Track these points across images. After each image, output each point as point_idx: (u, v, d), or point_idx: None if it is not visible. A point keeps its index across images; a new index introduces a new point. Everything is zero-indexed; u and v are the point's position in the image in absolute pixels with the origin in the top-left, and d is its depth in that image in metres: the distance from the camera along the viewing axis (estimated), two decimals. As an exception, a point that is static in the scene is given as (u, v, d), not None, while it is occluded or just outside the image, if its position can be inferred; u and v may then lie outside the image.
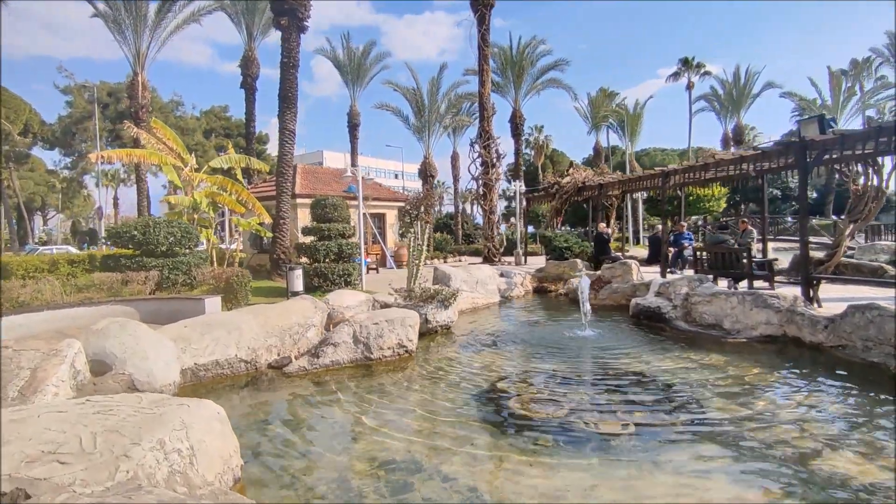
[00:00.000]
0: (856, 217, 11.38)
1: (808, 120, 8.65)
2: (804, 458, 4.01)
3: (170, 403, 3.26)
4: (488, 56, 20.31)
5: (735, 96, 47.06)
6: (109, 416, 3.02)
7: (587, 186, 16.85)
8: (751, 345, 7.45)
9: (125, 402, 3.29)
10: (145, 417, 3.02)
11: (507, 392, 5.77)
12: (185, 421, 3.03)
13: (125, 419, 2.99)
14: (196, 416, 3.13)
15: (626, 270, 11.55)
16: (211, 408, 3.34)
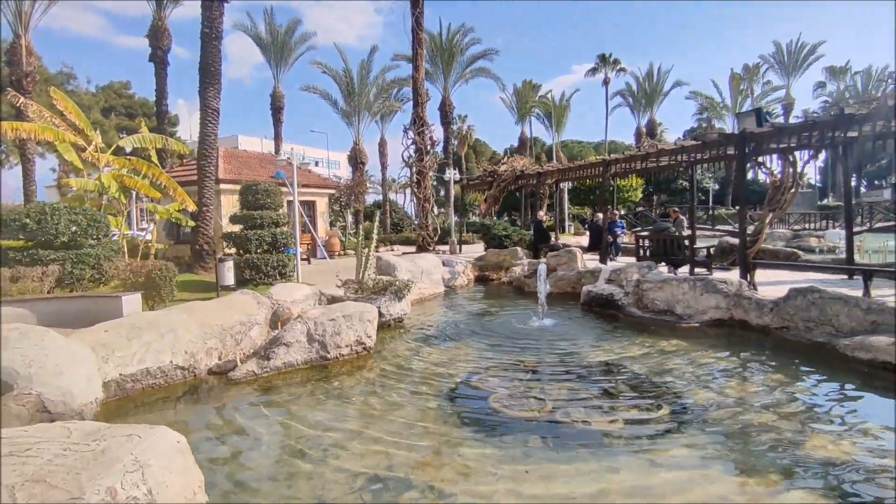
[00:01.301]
0: (774, 206, 12.17)
1: (745, 113, 9.04)
2: (788, 442, 4.01)
3: (113, 435, 2.54)
4: (422, 40, 19.73)
5: (648, 93, 49.90)
6: (28, 459, 2.28)
7: (525, 175, 16.91)
8: (703, 329, 7.65)
9: (48, 435, 2.54)
10: (82, 457, 2.32)
11: (482, 389, 5.42)
12: (139, 458, 2.35)
13: (53, 462, 2.26)
14: (152, 450, 2.45)
15: (571, 258, 11.61)
16: (168, 437, 2.66)
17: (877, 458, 3.72)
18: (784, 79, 52.70)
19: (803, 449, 3.90)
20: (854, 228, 23.05)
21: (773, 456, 3.80)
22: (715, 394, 5.12)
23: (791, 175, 11.73)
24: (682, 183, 46.61)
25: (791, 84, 52.42)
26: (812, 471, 3.57)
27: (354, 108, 26.37)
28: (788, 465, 3.67)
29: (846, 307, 6.32)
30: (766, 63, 53.05)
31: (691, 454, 3.86)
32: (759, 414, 4.60)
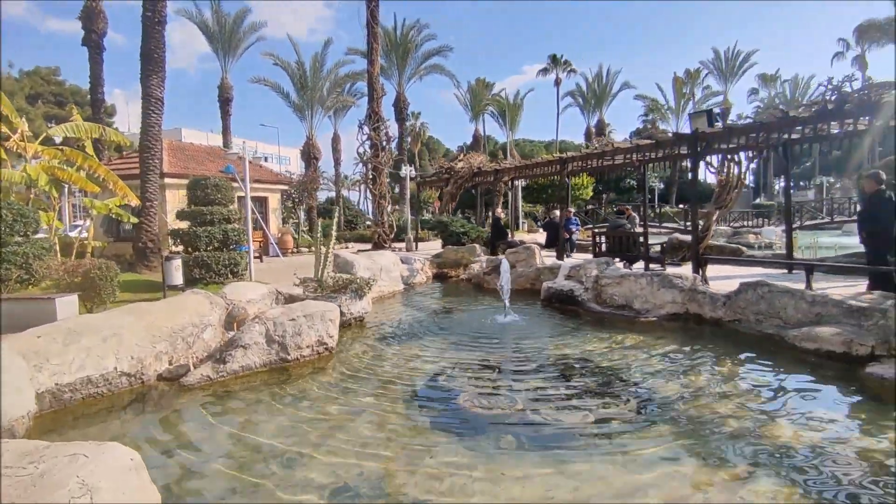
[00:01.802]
0: (720, 204, 12.70)
1: (697, 113, 9.35)
2: (751, 431, 4.13)
3: (54, 455, 2.25)
4: (377, 34, 19.39)
5: (598, 94, 51.34)
6: (-46, 485, 1.98)
7: (483, 172, 16.94)
8: (661, 323, 7.85)
9: (-24, 458, 2.23)
10: (18, 482, 2.04)
11: (450, 388, 5.32)
12: (87, 481, 2.09)
13: (-16, 488, 1.98)
14: (102, 471, 2.19)
15: (529, 255, 11.70)
16: (120, 454, 2.39)
17: (830, 442, 3.88)
18: (722, 84, 55.46)
19: (764, 437, 4.02)
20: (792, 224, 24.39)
21: (739, 446, 3.89)
22: (677, 386, 5.23)
23: (736, 175, 12.27)
24: (629, 182, 48.35)
25: (728, 89, 55.26)
26: (774, 458, 3.68)
27: (307, 101, 25.59)
28: (752, 454, 3.77)
29: (793, 300, 6.64)
30: (705, 69, 55.72)
31: (662, 448, 3.90)
32: (720, 405, 4.72)
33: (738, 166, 11.92)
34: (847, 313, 6.03)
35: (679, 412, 4.57)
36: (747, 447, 3.86)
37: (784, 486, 3.31)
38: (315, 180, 22.45)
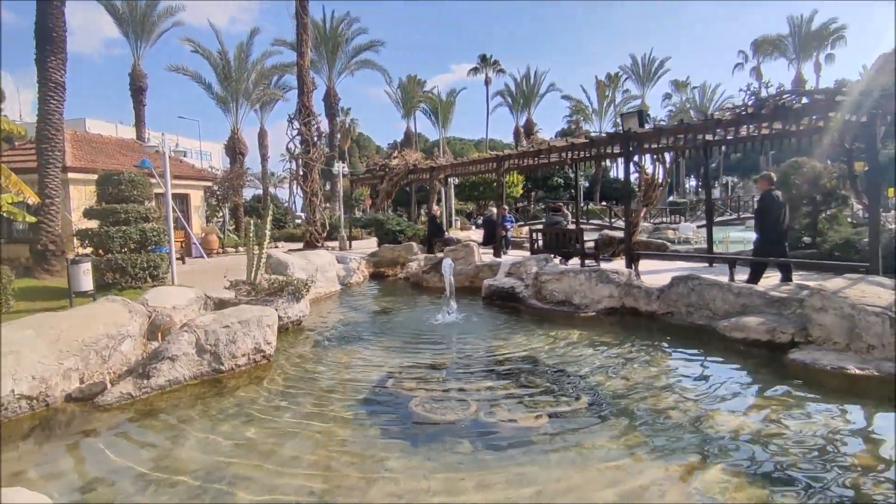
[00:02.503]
0: (647, 202, 13.35)
1: (629, 114, 9.72)
2: (696, 421, 4.28)
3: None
4: (307, 25, 18.66)
5: (526, 94, 52.68)
6: None
7: (418, 169, 16.77)
8: (599, 317, 8.05)
9: None
10: None
11: (399, 393, 5.12)
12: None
13: None
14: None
15: (468, 253, 11.69)
16: (25, 500, 2.01)
17: (767, 425, 4.08)
18: (640, 88, 58.75)
19: (709, 426, 4.17)
20: (702, 222, 26.15)
21: (686, 437, 4.00)
22: (622, 380, 5.34)
23: (661, 173, 12.93)
24: (557, 179, 50.04)
25: (645, 93, 58.63)
26: (720, 447, 3.81)
27: (232, 94, 24.10)
28: (699, 444, 3.88)
29: (721, 292, 7.02)
30: (625, 73, 58.80)
31: (616, 443, 3.93)
32: (663, 396, 4.87)
33: (663, 165, 12.58)
34: (769, 303, 6.46)
35: (627, 406, 4.65)
36: (694, 437, 3.98)
37: (732, 473, 3.42)
38: (241, 177, 21.29)
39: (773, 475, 3.38)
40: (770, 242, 8.08)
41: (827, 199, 11.35)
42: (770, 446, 3.78)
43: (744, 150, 9.82)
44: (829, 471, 3.41)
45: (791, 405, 4.53)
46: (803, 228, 11.75)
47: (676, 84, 62.87)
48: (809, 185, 11.43)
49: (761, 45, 53.60)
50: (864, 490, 3.19)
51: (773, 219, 8.00)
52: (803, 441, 3.84)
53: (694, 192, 58.58)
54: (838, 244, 9.63)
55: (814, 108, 7.29)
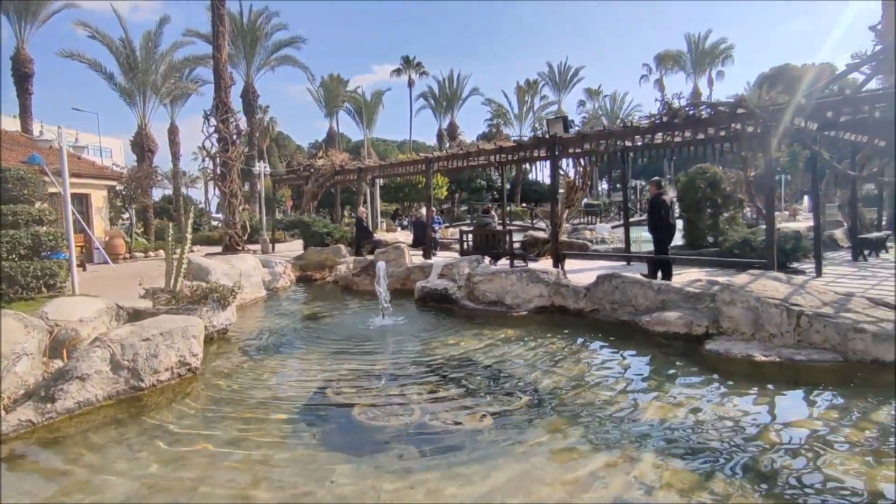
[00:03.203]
0: (569, 204, 13.97)
1: (554, 119, 10.12)
2: (627, 412, 4.53)
3: None
4: (224, 16, 17.69)
5: (449, 97, 53.34)
6: None
7: (345, 170, 16.41)
8: (531, 316, 8.29)
9: None
10: None
11: (340, 401, 4.97)
12: None
13: None
14: None
15: (399, 255, 11.62)
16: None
17: (690, 412, 4.40)
18: (557, 95, 61.41)
19: (639, 416, 4.42)
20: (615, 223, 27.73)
21: (622, 427, 4.22)
22: (557, 376, 5.53)
23: (581, 177, 13.57)
24: (480, 182, 51.12)
25: (562, 100, 61.37)
26: (651, 434, 4.06)
27: (138, 86, 22.13)
28: (634, 432, 4.11)
29: (642, 289, 7.48)
30: (543, 80, 61.22)
31: (557, 438, 4.06)
32: (597, 390, 5.10)
33: (584, 169, 13.21)
34: (685, 299, 6.97)
35: (564, 402, 4.82)
36: (627, 428, 4.20)
37: (664, 459, 3.64)
38: (150, 176, 19.72)
39: (698, 458, 3.64)
40: (659, 241, 9.14)
41: (726, 202, 12.46)
42: (695, 432, 4.07)
43: (653, 156, 10.56)
44: (745, 451, 3.74)
45: (709, 392, 4.92)
46: (707, 229, 12.83)
47: (590, 92, 66.30)
48: (712, 189, 12.50)
49: (663, 59, 58.06)
50: (774, 466, 3.52)
51: (659, 220, 9.08)
52: (722, 425, 4.18)
53: (607, 195, 62.16)
54: (737, 243, 10.59)
55: (719, 119, 7.98)
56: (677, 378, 5.36)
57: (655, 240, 9.32)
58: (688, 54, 55.18)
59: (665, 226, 9.15)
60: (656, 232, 9.22)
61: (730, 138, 8.67)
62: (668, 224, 9.18)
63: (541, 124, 62.00)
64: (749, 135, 8.19)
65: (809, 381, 4.97)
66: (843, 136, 9.48)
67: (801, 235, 10.25)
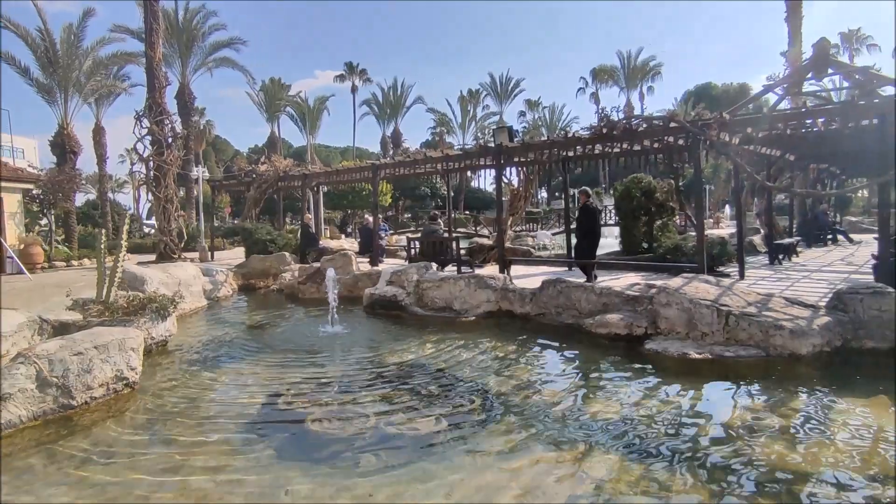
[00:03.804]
0: (513, 212, 14.34)
1: (500, 129, 10.39)
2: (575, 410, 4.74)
3: None
4: (158, 13, 16.91)
5: (393, 104, 53.31)
6: None
7: (290, 176, 16.03)
8: (479, 321, 8.43)
9: None
10: None
11: (292, 411, 4.88)
12: None
13: None
14: None
15: (346, 262, 11.50)
16: None
17: (634, 408, 4.66)
18: (498, 105, 62.81)
19: (586, 413, 4.63)
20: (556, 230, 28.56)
21: (571, 425, 4.40)
22: (508, 379, 5.68)
23: (525, 185, 13.98)
24: (424, 189, 51.30)
25: (503, 110, 62.84)
26: (598, 430, 4.26)
27: (59, 82, 20.49)
28: (582, 429, 4.30)
29: (585, 293, 7.80)
30: (485, 90, 62.47)
31: (511, 438, 4.17)
32: (546, 390, 5.30)
33: (527, 178, 13.62)
34: (625, 301, 7.33)
35: (516, 403, 4.96)
36: (575, 425, 4.39)
37: (611, 454, 3.84)
38: (73, 179, 18.41)
39: (642, 450, 3.87)
40: (587, 247, 9.62)
41: (660, 211, 13.20)
42: (638, 426, 4.32)
43: (590, 165, 11.09)
44: (683, 441, 4.01)
45: (650, 388, 5.22)
46: (642, 235, 13.53)
47: (529, 103, 68.26)
48: (646, 197, 13.21)
49: (598, 73, 60.80)
50: (709, 453, 3.80)
51: (589, 226, 9.64)
52: (662, 418, 4.45)
53: (546, 203, 64.12)
54: (670, 248, 11.25)
55: (653, 132, 8.50)
56: (620, 376, 5.64)
57: (585, 245, 9.74)
58: (621, 70, 58.11)
59: (594, 232, 9.67)
60: (587, 238, 9.68)
61: (662, 150, 9.26)
62: (595, 231, 9.71)
63: (483, 133, 63.24)
64: (679, 147, 8.77)
65: (737, 375, 5.38)
66: (760, 150, 10.33)
67: (726, 241, 11.05)
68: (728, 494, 3.26)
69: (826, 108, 8.28)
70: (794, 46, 17.53)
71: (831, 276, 9.25)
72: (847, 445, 3.83)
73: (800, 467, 3.56)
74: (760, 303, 6.36)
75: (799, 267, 10.82)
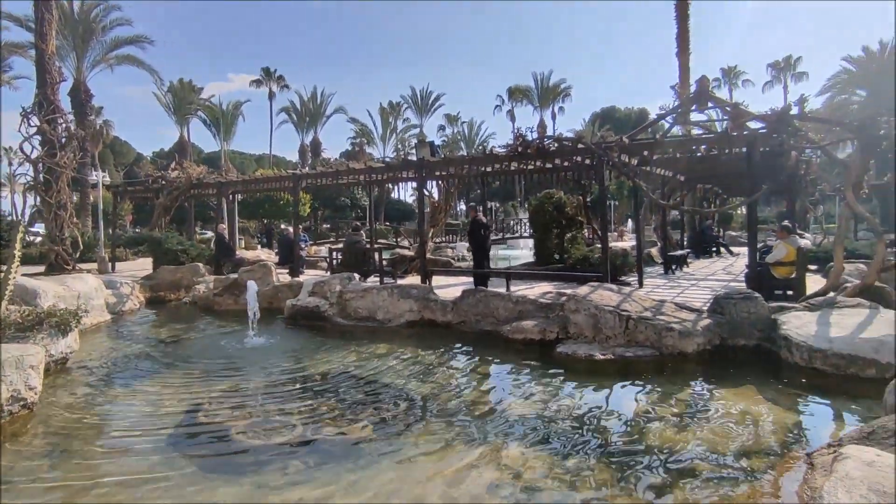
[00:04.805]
0: (434, 223, 14.74)
1: (423, 144, 10.73)
2: (494, 410, 5.08)
3: None
4: (51, 2, 15.55)
5: (312, 113, 52.27)
6: None
7: (204, 184, 15.32)
8: (402, 330, 8.62)
9: None
10: None
11: (215, 423, 4.79)
12: None
13: None
14: None
15: (266, 273, 11.23)
16: None
17: (546, 405, 5.08)
18: (419, 118, 63.64)
19: (505, 412, 4.99)
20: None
21: (491, 423, 4.73)
22: (431, 384, 5.93)
23: (445, 198, 14.43)
24: (344, 200, 50.67)
25: (423, 123, 63.73)
26: (516, 426, 4.63)
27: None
28: (501, 427, 4.64)
29: (502, 301, 8.26)
30: (405, 103, 63.08)
31: (435, 439, 4.42)
32: (467, 393, 5.62)
33: (447, 191, 14.08)
34: (538, 309, 7.87)
35: (439, 406, 5.23)
36: (495, 423, 4.73)
37: (528, 447, 4.19)
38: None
39: (556, 442, 4.27)
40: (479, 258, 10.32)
41: (570, 224, 14.16)
42: (551, 421, 4.73)
43: (509, 180, 11.76)
44: (592, 433, 4.48)
45: (561, 387, 5.70)
46: (554, 247, 14.42)
47: (449, 118, 69.73)
48: (558, 212, 14.13)
49: (514, 92, 63.58)
50: (613, 441, 4.28)
51: (480, 239, 10.36)
52: (572, 413, 4.91)
53: (465, 215, 65.59)
54: (579, 259, 12.13)
55: (564, 152, 9.22)
56: (534, 377, 6.08)
57: (474, 257, 10.38)
58: (535, 90, 61.18)
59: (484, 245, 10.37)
60: (477, 251, 10.34)
61: (572, 168, 10.05)
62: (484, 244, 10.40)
63: (403, 145, 63.72)
64: (587, 166, 9.58)
65: (636, 373, 6.01)
66: (656, 171, 11.50)
67: (627, 253, 12.12)
68: (628, 474, 3.71)
69: (708, 137, 9.44)
70: (682, 80, 19.61)
71: (714, 284, 10.46)
72: (723, 427, 4.47)
73: (685, 447, 4.12)
74: (655, 308, 7.11)
75: (689, 276, 12.09)
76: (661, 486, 3.54)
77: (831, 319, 6.08)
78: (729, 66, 56.05)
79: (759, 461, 3.83)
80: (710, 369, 6.05)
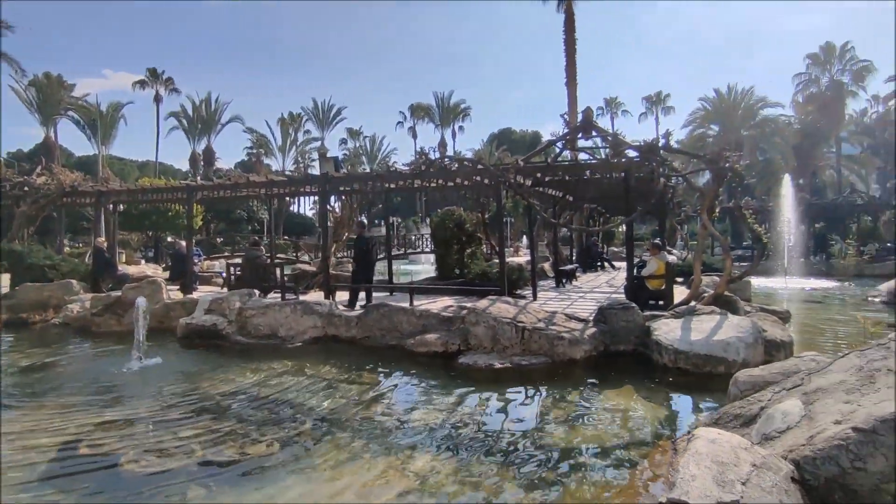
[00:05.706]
0: (336, 238, 14.68)
1: (326, 159, 10.76)
2: (401, 422, 5.25)
3: None
4: None
5: (206, 120, 49.21)
6: None
7: (81, 192, 13.86)
8: (306, 347, 8.48)
9: None
10: None
11: (100, 455, 4.46)
12: None
13: None
14: None
15: (155, 290, 10.45)
16: None
17: (449, 414, 5.36)
18: (320, 131, 62.48)
19: (411, 424, 5.18)
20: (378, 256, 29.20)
21: (398, 435, 4.90)
22: (336, 400, 5.97)
23: (349, 213, 14.44)
24: (239, 212, 48.15)
25: (325, 136, 62.65)
26: (423, 436, 4.83)
27: None
28: (408, 438, 4.82)
29: (406, 316, 8.45)
30: (306, 115, 61.67)
31: (343, 453, 4.48)
32: (373, 407, 5.73)
33: (350, 206, 14.12)
34: (441, 322, 8.17)
35: (345, 421, 5.27)
36: (402, 435, 4.90)
37: (435, 455, 4.41)
38: None
39: (460, 450, 4.54)
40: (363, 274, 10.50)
41: (470, 240, 14.78)
42: (454, 429, 5.00)
43: (412, 197, 12.07)
44: (492, 438, 4.81)
45: (462, 397, 6.01)
46: (455, 262, 14.94)
47: (351, 132, 69.23)
48: (458, 228, 14.69)
49: (416, 110, 64.91)
50: (511, 443, 4.64)
51: (365, 255, 10.55)
52: (473, 420, 5.23)
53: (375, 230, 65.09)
54: (478, 274, 12.70)
55: (464, 172, 9.72)
56: (438, 388, 6.35)
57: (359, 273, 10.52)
58: (436, 108, 62.89)
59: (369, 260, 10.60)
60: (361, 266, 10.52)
61: (471, 187, 10.59)
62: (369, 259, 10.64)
63: (304, 158, 62.11)
64: (485, 185, 10.16)
65: (531, 379, 6.49)
66: (548, 191, 12.46)
67: (523, 268, 12.91)
68: (523, 472, 4.06)
69: (593, 163, 10.47)
70: (571, 109, 21.40)
71: (599, 296, 11.50)
72: (607, 424, 5.03)
73: (575, 443, 4.59)
74: (548, 319, 7.71)
75: (577, 288, 13.15)
76: (554, 480, 3.93)
77: (692, 325, 7.02)
78: (611, 97, 61.93)
79: (637, 450, 4.39)
80: (595, 373, 6.70)
